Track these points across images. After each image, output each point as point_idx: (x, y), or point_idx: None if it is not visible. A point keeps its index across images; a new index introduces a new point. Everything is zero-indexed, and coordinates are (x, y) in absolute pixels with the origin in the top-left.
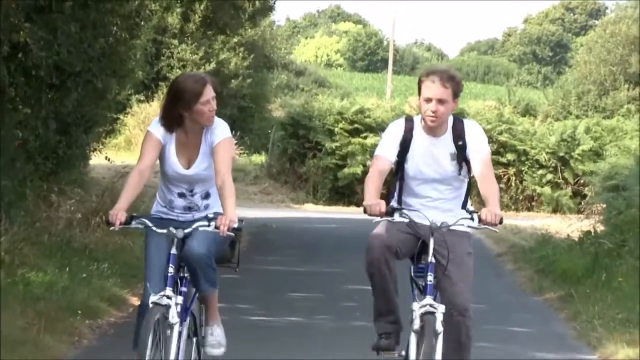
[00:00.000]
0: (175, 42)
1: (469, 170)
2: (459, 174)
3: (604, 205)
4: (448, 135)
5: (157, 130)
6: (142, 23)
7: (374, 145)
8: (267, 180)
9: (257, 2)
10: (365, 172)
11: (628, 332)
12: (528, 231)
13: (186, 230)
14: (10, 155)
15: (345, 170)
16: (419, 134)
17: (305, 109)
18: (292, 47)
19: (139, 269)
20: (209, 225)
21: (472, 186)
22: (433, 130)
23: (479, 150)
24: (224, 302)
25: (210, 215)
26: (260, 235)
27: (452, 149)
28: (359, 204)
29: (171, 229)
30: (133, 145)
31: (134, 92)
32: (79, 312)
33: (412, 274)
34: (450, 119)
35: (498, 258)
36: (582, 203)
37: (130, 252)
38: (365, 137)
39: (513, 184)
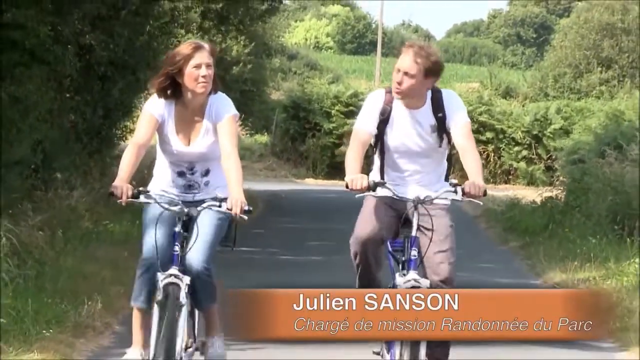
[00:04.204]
0: (182, 31)
1: (449, 141)
2: (440, 146)
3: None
4: (427, 107)
5: (153, 106)
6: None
7: None
8: (271, 158)
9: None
10: None
11: (564, 265)
12: (502, 199)
13: (198, 208)
14: (65, 136)
15: (342, 148)
16: (398, 106)
17: (304, 93)
18: (284, 31)
19: None
20: (220, 206)
21: (453, 159)
22: (412, 103)
23: (458, 121)
24: (254, 246)
25: (220, 196)
26: (273, 203)
27: (432, 120)
28: None
29: (182, 207)
30: None
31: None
32: None
33: (390, 248)
34: (429, 91)
35: (474, 219)
36: (554, 176)
37: None
38: None
39: (492, 160)
